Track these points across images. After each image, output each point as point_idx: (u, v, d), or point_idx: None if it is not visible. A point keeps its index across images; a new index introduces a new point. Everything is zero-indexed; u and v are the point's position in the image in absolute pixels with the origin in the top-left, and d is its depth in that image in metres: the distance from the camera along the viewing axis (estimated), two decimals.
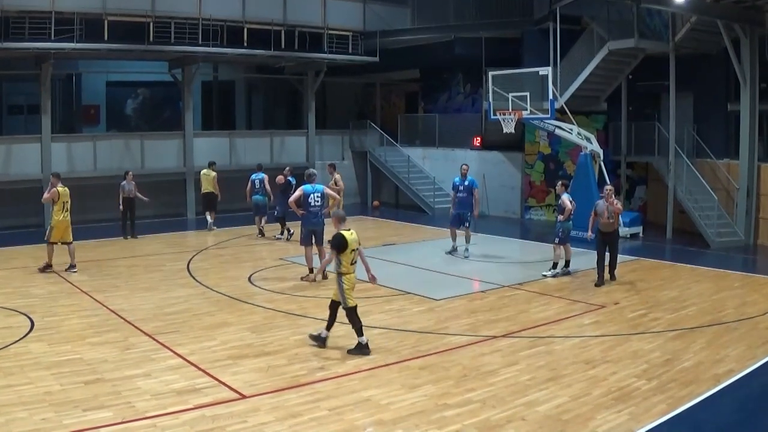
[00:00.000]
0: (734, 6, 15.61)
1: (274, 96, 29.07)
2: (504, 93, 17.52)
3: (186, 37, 19.83)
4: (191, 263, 14.25)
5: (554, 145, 20.72)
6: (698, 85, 18.86)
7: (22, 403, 6.81)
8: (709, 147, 18.01)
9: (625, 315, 10.41)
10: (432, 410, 6.83)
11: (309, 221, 12.61)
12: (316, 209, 12.55)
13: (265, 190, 17.42)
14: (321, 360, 8.28)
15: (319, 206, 12.61)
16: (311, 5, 22.68)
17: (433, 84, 25.89)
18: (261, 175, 17.56)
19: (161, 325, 9.69)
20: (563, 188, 13.23)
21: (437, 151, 24.18)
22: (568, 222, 12.95)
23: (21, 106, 23.69)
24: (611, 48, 17.92)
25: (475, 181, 15.50)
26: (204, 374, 7.75)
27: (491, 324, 9.90)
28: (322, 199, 12.63)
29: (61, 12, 18.02)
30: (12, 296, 11.23)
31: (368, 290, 11.94)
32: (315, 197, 12.50)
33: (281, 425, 6.44)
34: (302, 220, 12.75)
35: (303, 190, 12.56)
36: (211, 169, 18.71)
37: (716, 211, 16.68)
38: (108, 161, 20.40)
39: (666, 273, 13.70)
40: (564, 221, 12.90)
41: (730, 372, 7.91)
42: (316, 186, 12.71)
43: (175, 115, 25.66)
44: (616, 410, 6.81)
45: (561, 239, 12.95)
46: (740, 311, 10.48)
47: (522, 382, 7.61)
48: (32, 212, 19.26)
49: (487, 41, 22.04)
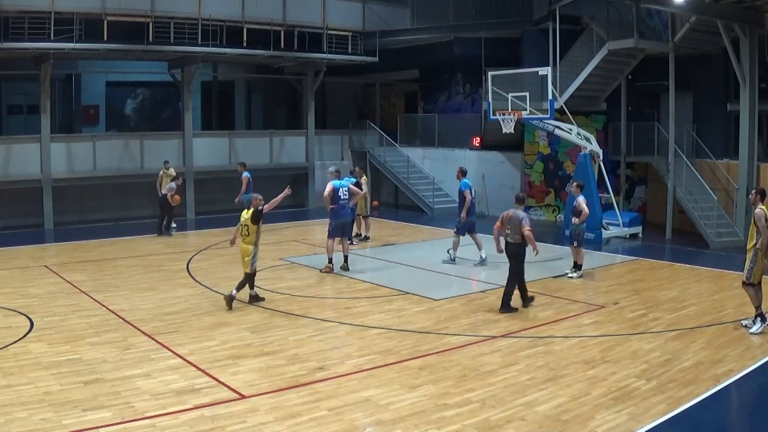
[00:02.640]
0: (734, 6, 15.61)
1: (274, 96, 29.07)
2: (503, 93, 17.51)
3: (185, 37, 19.83)
4: (191, 263, 14.25)
5: (554, 145, 20.72)
6: (698, 85, 18.86)
7: (22, 403, 6.81)
8: (709, 147, 18.01)
9: (625, 315, 10.41)
10: (432, 410, 6.83)
11: (340, 214, 13.34)
12: (345, 202, 13.42)
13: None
14: (320, 360, 8.28)
15: (347, 200, 13.49)
16: (311, 5, 22.69)
17: (432, 84, 25.89)
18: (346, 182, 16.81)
19: (161, 325, 9.69)
20: (579, 190, 13.15)
21: (437, 151, 24.19)
22: (582, 224, 12.92)
23: (21, 106, 23.69)
24: (611, 48, 17.93)
25: (468, 183, 14.14)
26: (203, 374, 7.74)
27: (491, 324, 9.90)
28: (348, 193, 13.48)
29: (61, 12, 18.02)
30: (12, 296, 11.23)
31: (368, 290, 11.98)
32: (343, 191, 13.39)
33: (281, 425, 6.44)
34: (333, 214, 13.29)
35: (333, 185, 13.31)
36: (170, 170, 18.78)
37: (716, 211, 16.68)
38: (107, 161, 20.41)
39: (665, 273, 13.70)
40: (579, 224, 12.86)
41: (730, 372, 7.91)
42: (343, 181, 13.71)
43: (174, 116, 25.69)
44: (615, 410, 6.81)
45: (579, 241, 12.91)
46: (740, 311, 10.47)
47: (521, 382, 7.61)
48: (32, 212, 19.30)
49: (486, 41, 22.04)
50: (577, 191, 13.09)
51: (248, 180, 17.98)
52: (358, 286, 12.34)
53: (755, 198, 9.59)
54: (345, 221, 13.65)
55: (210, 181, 22.10)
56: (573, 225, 12.96)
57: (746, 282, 9.45)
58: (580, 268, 12.99)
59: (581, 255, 13.03)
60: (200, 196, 21.86)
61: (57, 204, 19.45)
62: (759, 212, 9.34)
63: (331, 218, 13.35)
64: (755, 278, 9.37)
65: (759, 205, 9.46)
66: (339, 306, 10.93)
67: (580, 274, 12.94)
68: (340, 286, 12.34)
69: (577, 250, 12.99)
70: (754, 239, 9.34)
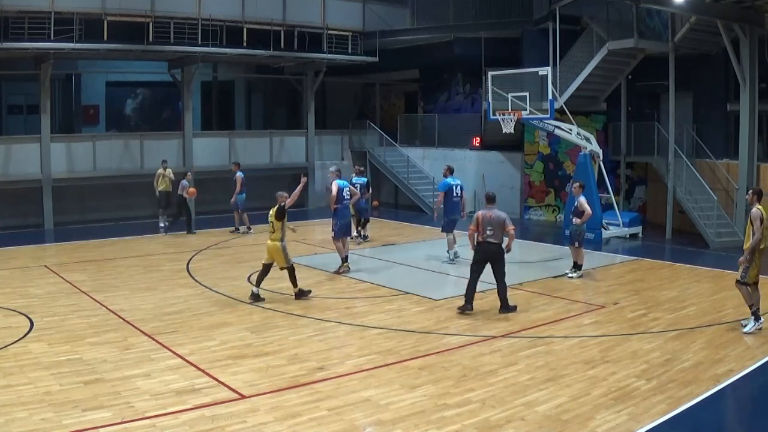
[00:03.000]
0: (734, 6, 15.62)
1: (274, 96, 29.07)
2: (503, 93, 17.51)
3: (185, 37, 19.84)
4: (191, 263, 14.25)
5: (554, 145, 20.73)
6: (698, 85, 18.86)
7: (22, 403, 6.81)
8: (709, 147, 18.02)
9: (625, 315, 10.41)
10: (431, 410, 6.83)
11: (344, 214, 13.52)
12: (348, 202, 13.66)
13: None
14: (320, 360, 8.28)
15: (349, 199, 13.78)
16: (311, 5, 22.69)
17: (432, 84, 25.89)
18: (363, 179, 16.91)
19: (161, 325, 9.69)
20: (580, 190, 13.12)
21: (437, 151, 24.18)
22: (583, 225, 12.90)
23: (21, 106, 23.69)
24: (611, 48, 17.93)
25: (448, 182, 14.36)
26: (203, 374, 7.74)
27: (491, 324, 9.89)
28: (350, 194, 13.80)
29: (61, 12, 18.03)
30: (12, 296, 11.23)
31: (368, 290, 11.97)
32: (347, 191, 13.63)
33: (281, 425, 6.44)
34: (338, 214, 13.33)
35: (338, 184, 13.41)
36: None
37: (716, 211, 16.68)
38: (107, 161, 20.41)
39: (665, 273, 13.70)
40: (581, 224, 12.83)
41: (730, 372, 7.91)
42: (344, 181, 13.92)
43: (174, 116, 25.69)
44: (615, 410, 6.81)
45: (579, 242, 12.90)
46: (740, 311, 10.46)
47: (521, 382, 7.60)
48: (32, 212, 19.29)
49: (486, 41, 22.04)
50: (578, 191, 13.07)
51: (242, 180, 18.04)
52: (358, 286, 12.34)
53: (752, 198, 9.59)
54: (349, 221, 13.90)
55: (210, 181, 22.07)
56: (574, 225, 12.93)
57: (740, 281, 9.43)
58: (580, 268, 12.99)
59: (581, 255, 13.02)
60: (200, 196, 21.72)
61: (57, 204, 19.46)
62: (755, 212, 9.34)
63: (337, 218, 13.35)
64: (750, 278, 9.35)
65: (756, 204, 9.46)
66: (339, 306, 10.92)
67: (580, 274, 12.94)
68: (340, 286, 12.34)
69: (578, 251, 12.99)
70: (750, 239, 9.35)
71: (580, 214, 12.77)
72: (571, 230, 13.15)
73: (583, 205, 12.79)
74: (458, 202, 14.28)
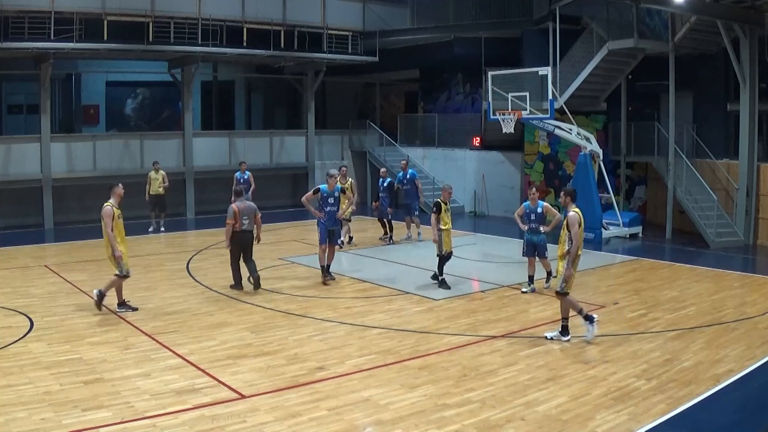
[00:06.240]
0: (734, 6, 15.62)
1: (274, 96, 29.07)
2: (503, 93, 17.51)
3: (185, 37, 19.85)
4: (191, 263, 14.25)
5: (554, 145, 20.72)
6: (698, 85, 18.86)
7: (22, 403, 6.81)
8: (709, 147, 18.01)
9: (625, 315, 10.41)
10: (431, 410, 6.83)
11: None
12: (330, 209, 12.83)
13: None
14: (320, 360, 8.28)
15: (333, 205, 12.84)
16: (311, 5, 22.70)
17: (432, 84, 25.89)
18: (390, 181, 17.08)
19: (161, 324, 9.69)
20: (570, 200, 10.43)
21: (437, 151, 24.18)
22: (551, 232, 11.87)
23: (21, 106, 23.70)
24: (611, 48, 17.92)
25: (416, 172, 17.44)
26: (203, 374, 7.74)
27: (491, 324, 9.90)
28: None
29: (61, 12, 18.04)
30: (12, 296, 11.23)
31: (368, 290, 11.97)
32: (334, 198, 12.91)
33: (281, 425, 6.45)
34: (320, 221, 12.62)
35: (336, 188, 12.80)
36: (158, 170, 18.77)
37: (716, 211, 16.68)
38: (107, 161, 20.41)
39: (665, 273, 13.70)
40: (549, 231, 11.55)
41: (730, 372, 7.91)
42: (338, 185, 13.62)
43: (174, 115, 25.70)
44: (615, 410, 6.81)
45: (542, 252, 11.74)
46: (740, 311, 10.48)
47: (521, 382, 7.61)
48: (32, 212, 19.30)
49: (486, 41, 22.05)
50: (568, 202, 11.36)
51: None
52: (358, 286, 12.34)
53: (566, 199, 8.88)
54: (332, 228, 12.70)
55: (210, 181, 22.10)
56: (542, 235, 11.78)
57: (560, 292, 8.86)
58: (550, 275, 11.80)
59: (547, 263, 11.91)
60: (200, 196, 21.88)
61: (57, 204, 19.46)
62: (573, 216, 8.63)
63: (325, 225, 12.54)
64: (569, 287, 8.82)
65: (571, 207, 8.76)
66: (339, 306, 10.92)
67: (533, 287, 11.83)
68: (340, 286, 12.34)
69: (544, 261, 11.92)
70: (565, 245, 8.67)
71: (544, 221, 11.67)
72: (538, 240, 11.84)
73: (549, 209, 11.70)
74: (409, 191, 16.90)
